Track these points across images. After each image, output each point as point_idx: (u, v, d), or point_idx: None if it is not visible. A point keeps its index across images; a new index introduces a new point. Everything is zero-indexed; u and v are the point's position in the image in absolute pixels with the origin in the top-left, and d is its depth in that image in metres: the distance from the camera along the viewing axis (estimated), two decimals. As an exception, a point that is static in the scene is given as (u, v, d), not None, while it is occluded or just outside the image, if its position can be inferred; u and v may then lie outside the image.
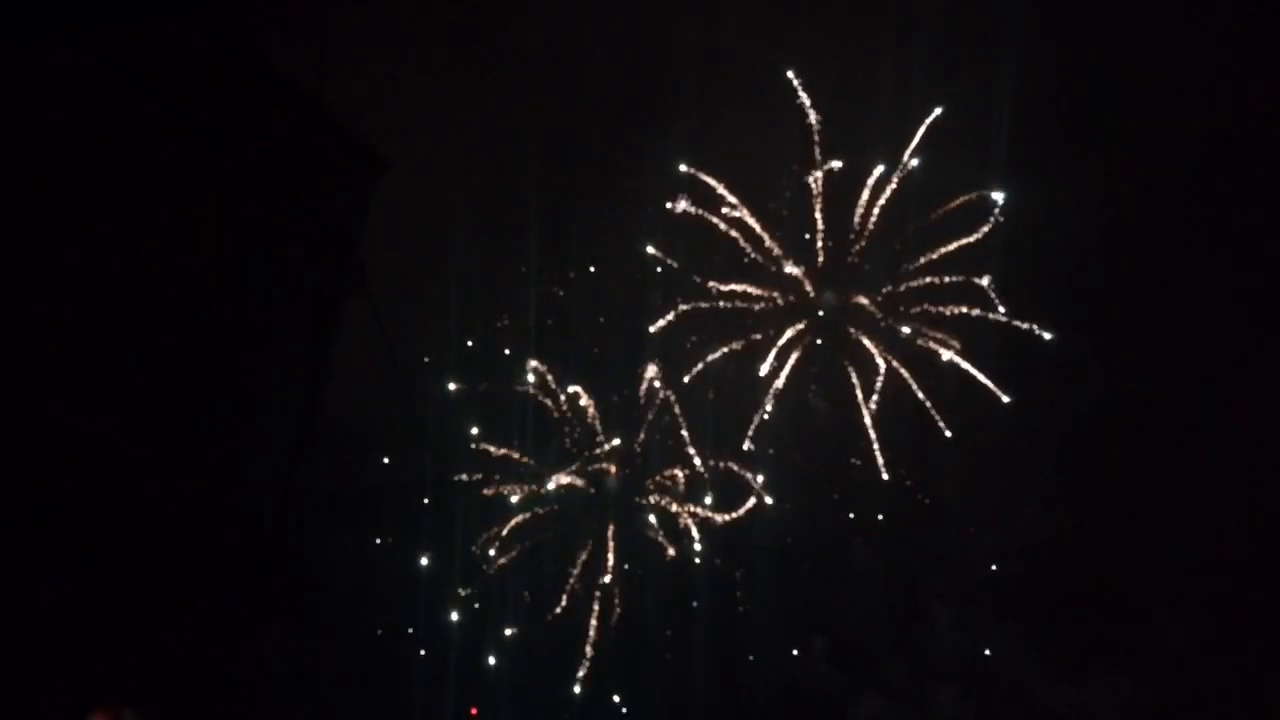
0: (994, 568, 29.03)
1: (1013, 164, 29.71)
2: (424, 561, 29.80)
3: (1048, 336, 29.35)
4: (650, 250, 32.05)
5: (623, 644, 30.24)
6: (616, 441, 31.26)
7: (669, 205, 31.40)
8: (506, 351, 32.91)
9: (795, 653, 29.61)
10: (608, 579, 30.38)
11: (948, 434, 29.55)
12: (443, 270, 28.77)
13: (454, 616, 29.84)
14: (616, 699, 29.72)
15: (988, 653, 27.91)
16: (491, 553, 30.50)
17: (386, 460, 30.16)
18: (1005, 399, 29.17)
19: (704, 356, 31.30)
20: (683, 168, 30.97)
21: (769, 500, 30.58)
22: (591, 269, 33.26)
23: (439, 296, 29.09)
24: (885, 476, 29.82)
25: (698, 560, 30.65)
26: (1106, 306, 30.64)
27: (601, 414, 31.40)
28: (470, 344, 32.00)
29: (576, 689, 29.69)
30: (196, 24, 10.83)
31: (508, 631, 30.35)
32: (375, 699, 26.96)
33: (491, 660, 29.88)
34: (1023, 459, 30.29)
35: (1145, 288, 30.11)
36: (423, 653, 28.88)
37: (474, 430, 31.57)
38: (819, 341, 31.26)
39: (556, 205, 31.52)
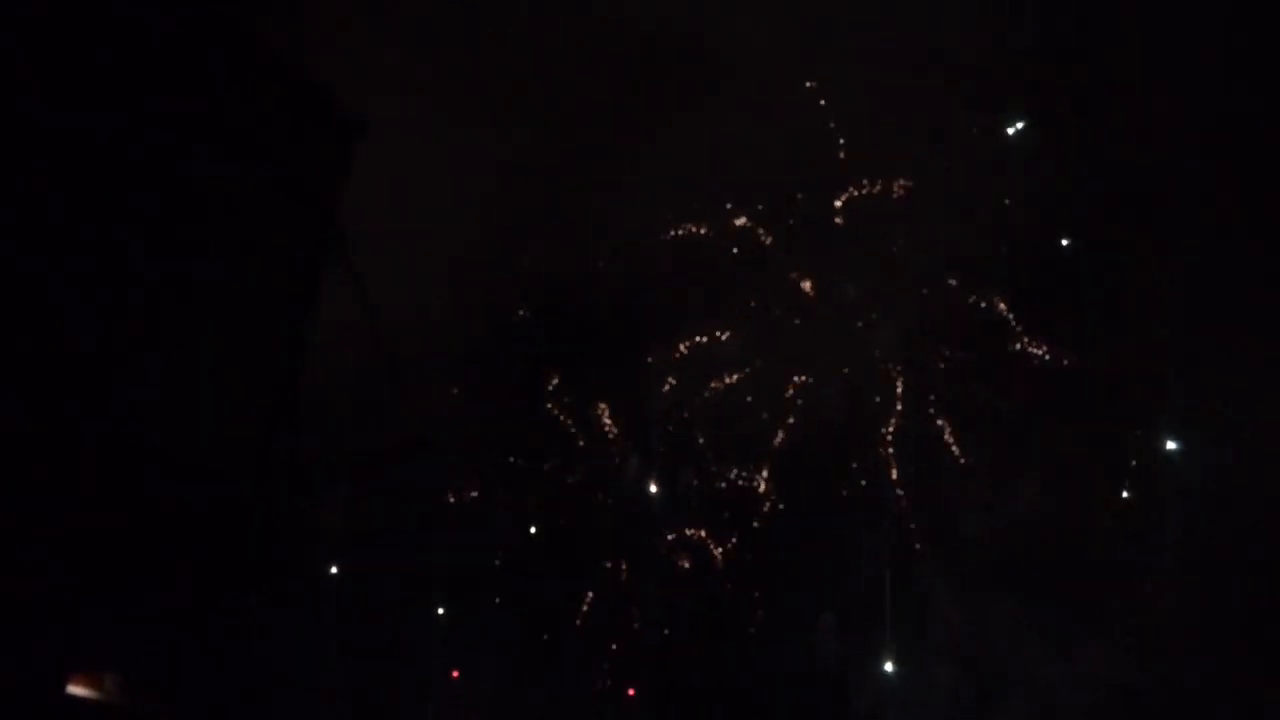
0: (989, 543, 29.19)
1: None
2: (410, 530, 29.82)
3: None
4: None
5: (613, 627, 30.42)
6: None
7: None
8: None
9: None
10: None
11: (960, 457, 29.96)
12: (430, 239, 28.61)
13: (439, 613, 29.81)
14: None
15: (984, 630, 28.17)
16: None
17: (369, 428, 30.09)
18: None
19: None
20: None
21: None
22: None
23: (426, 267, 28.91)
24: (895, 475, 30.20)
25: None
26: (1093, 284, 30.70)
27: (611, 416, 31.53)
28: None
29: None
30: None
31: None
32: (357, 669, 27.05)
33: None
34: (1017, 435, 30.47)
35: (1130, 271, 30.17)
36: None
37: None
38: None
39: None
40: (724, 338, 31.35)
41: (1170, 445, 28.02)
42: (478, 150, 29.49)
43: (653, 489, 31.00)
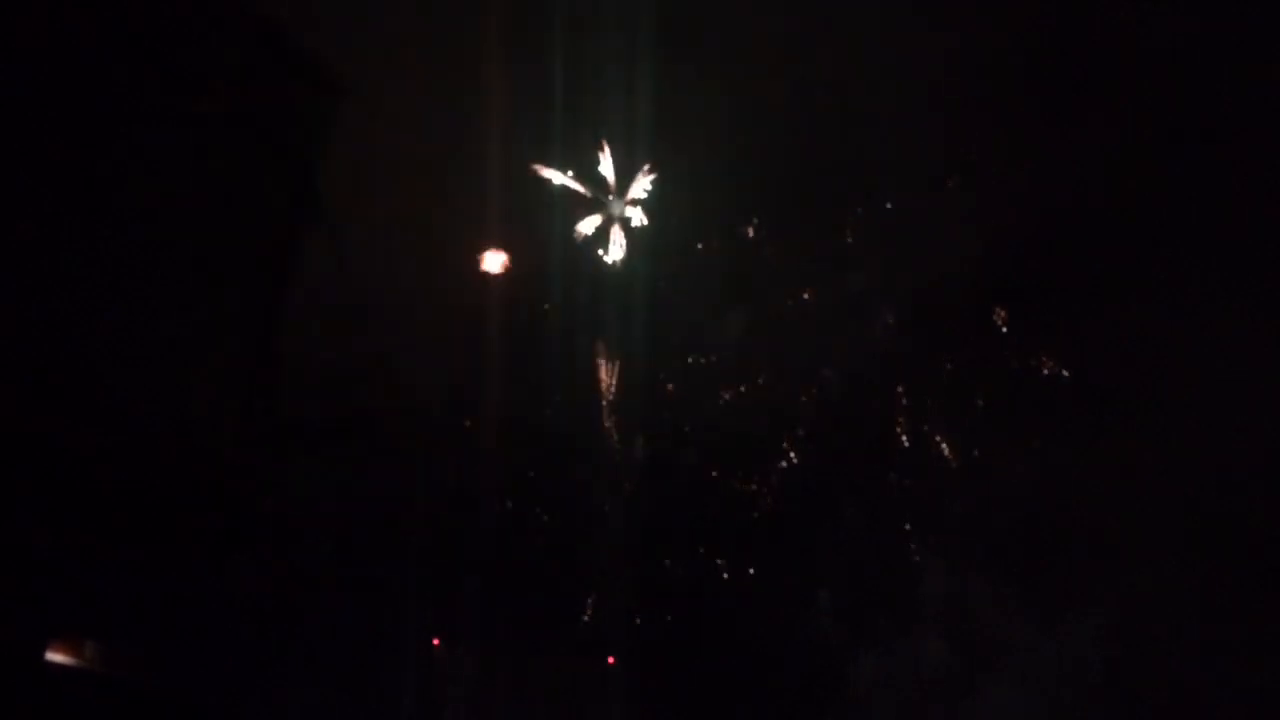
0: (976, 516, 29.41)
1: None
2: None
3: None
4: None
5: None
6: None
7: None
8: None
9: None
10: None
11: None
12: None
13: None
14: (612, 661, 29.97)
15: (972, 601, 28.42)
16: None
17: (354, 393, 29.98)
18: None
19: None
20: None
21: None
22: None
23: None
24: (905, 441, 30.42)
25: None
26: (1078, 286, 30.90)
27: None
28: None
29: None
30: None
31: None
32: (340, 633, 26.99)
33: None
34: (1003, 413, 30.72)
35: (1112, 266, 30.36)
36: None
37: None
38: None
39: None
40: (729, 334, 31.63)
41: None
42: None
43: (640, 456, 31.20)
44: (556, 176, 33.34)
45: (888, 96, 30.54)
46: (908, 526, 29.85)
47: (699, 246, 33.56)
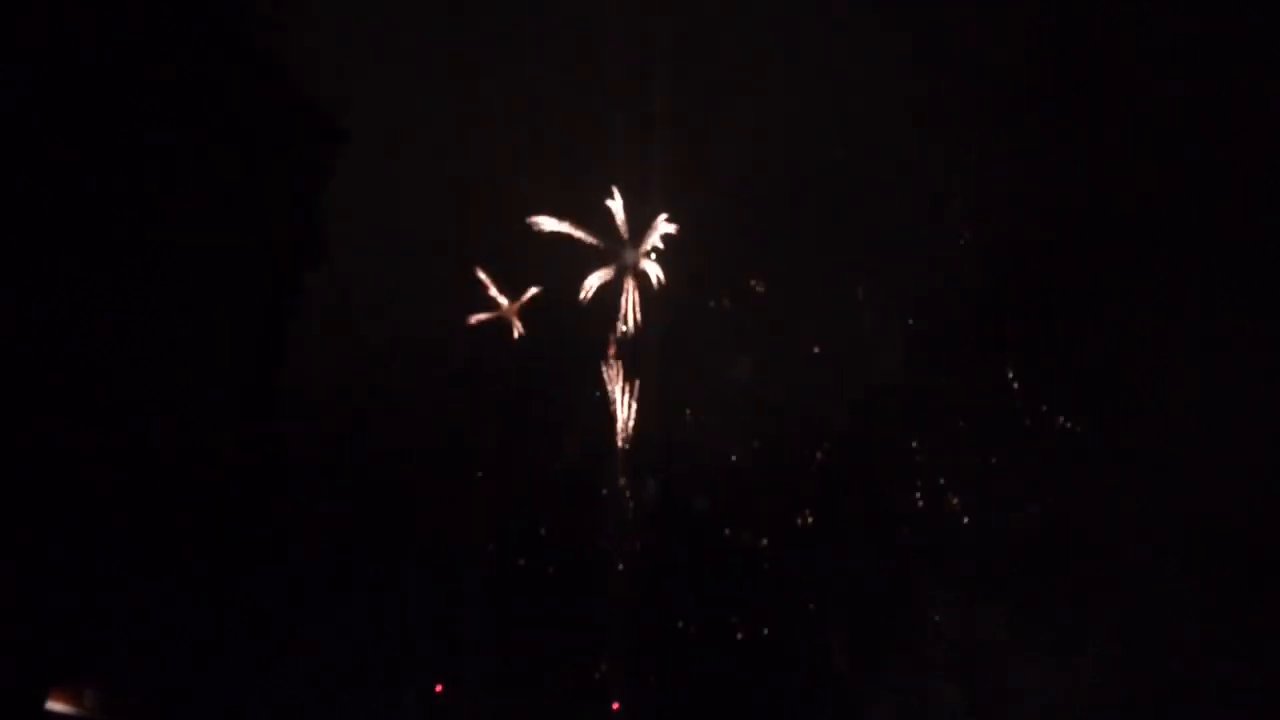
0: (987, 554, 29.34)
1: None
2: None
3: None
4: None
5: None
6: None
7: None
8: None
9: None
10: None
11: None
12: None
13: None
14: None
15: (982, 638, 28.28)
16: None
17: (355, 427, 29.80)
18: None
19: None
20: None
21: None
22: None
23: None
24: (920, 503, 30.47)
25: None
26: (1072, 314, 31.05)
27: None
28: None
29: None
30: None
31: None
32: (337, 664, 26.64)
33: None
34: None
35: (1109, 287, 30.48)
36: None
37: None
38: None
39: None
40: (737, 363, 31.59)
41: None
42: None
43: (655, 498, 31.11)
44: (561, 226, 33.12)
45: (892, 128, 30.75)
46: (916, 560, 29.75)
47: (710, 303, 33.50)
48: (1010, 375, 31.57)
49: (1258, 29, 28.38)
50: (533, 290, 33.14)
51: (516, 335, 33.64)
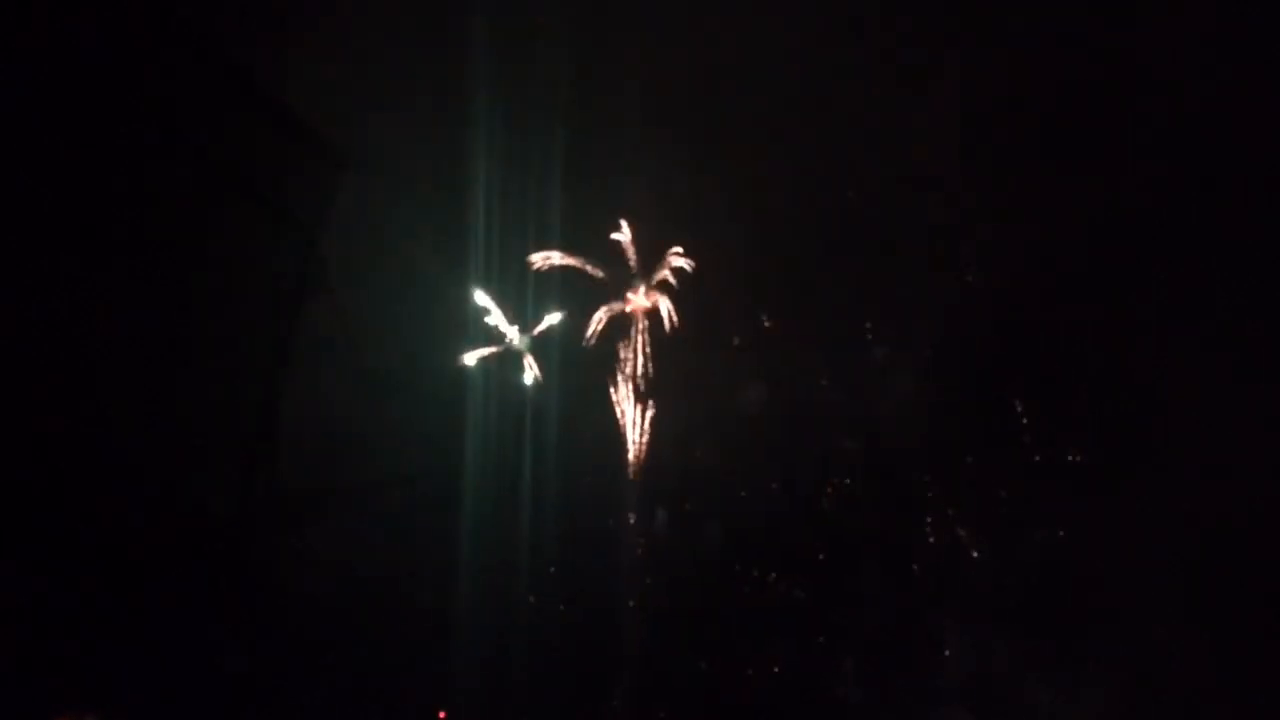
0: (993, 585, 29.23)
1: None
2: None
3: None
4: None
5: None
6: None
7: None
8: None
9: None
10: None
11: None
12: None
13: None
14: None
15: (990, 668, 28.14)
16: None
17: (356, 462, 29.68)
18: None
19: None
20: None
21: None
22: None
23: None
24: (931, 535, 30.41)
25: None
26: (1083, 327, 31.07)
27: None
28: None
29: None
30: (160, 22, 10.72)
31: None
32: (338, 695, 26.45)
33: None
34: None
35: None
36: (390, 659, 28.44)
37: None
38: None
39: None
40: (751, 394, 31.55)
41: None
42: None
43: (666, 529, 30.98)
44: (565, 260, 33.01)
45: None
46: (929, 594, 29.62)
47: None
48: (1019, 409, 31.57)
49: (1258, 29, 28.36)
50: (543, 323, 33.07)
51: (526, 368, 33.61)
